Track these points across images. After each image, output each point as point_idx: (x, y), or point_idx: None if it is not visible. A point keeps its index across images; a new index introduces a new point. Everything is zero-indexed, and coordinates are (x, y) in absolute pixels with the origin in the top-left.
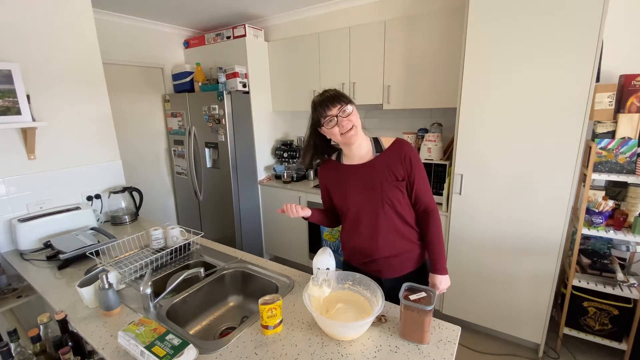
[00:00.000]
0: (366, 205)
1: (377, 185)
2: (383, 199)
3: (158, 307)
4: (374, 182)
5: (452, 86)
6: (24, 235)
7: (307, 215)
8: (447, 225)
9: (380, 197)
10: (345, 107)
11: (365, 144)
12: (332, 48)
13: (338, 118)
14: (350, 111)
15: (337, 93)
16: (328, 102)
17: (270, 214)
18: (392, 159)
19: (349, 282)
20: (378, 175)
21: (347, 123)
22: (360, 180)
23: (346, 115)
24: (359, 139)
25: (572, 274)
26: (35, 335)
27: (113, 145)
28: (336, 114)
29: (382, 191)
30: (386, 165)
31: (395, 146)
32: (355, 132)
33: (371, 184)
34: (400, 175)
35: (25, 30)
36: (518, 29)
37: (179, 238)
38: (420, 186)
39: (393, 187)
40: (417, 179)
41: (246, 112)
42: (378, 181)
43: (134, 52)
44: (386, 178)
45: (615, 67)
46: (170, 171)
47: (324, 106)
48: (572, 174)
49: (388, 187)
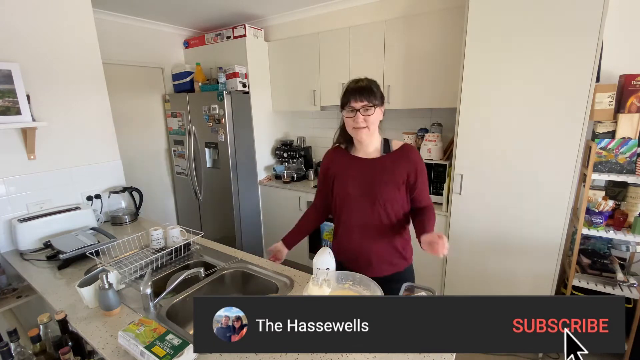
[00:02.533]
0: (361, 200)
1: (375, 183)
2: (377, 198)
3: (158, 307)
4: (373, 179)
5: (452, 86)
6: (24, 235)
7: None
8: (447, 226)
9: (375, 195)
10: (369, 107)
11: (375, 142)
12: (332, 48)
13: (357, 113)
14: (371, 113)
15: (370, 88)
16: (357, 93)
17: (270, 214)
18: (397, 161)
19: (349, 282)
20: (379, 174)
21: (362, 122)
22: (361, 174)
23: (366, 114)
24: (367, 139)
25: (572, 274)
26: (35, 335)
27: (113, 145)
28: (358, 108)
29: (379, 190)
30: (390, 166)
31: (404, 151)
32: (367, 133)
33: (370, 180)
34: (402, 178)
35: (25, 30)
36: (518, 29)
37: (179, 238)
38: (421, 192)
39: (391, 188)
40: (420, 186)
41: (246, 112)
42: (377, 180)
43: (134, 52)
44: (386, 178)
45: (615, 67)
46: (170, 171)
47: (352, 96)
48: (572, 174)
49: (385, 188)
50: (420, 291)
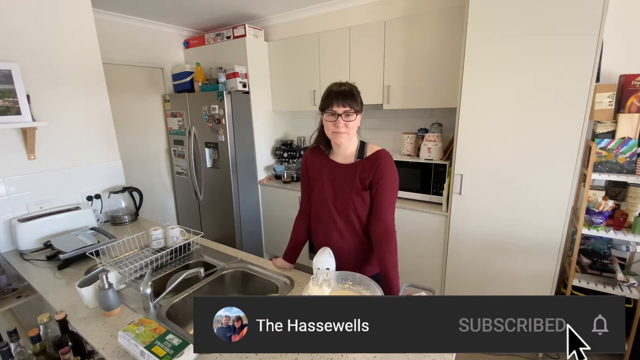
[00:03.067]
0: (335, 206)
1: (345, 189)
2: (349, 204)
3: (158, 307)
4: (344, 185)
5: (452, 86)
6: (24, 235)
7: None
8: (446, 226)
9: (347, 202)
10: (351, 112)
11: (352, 147)
12: (332, 48)
13: (339, 118)
14: (352, 119)
15: (352, 94)
16: (340, 98)
17: (270, 214)
18: (365, 167)
19: (349, 282)
20: (349, 180)
21: (343, 127)
22: (335, 179)
23: (347, 120)
24: (346, 143)
25: (572, 274)
26: (35, 335)
27: (113, 145)
28: (340, 113)
29: (350, 197)
30: (358, 172)
31: (374, 157)
32: (346, 137)
33: (342, 185)
34: (365, 184)
35: (25, 30)
36: (518, 28)
37: (179, 238)
38: (378, 204)
39: (357, 195)
40: (377, 197)
41: (246, 112)
42: (347, 185)
43: (134, 52)
44: (354, 185)
45: (615, 67)
46: (170, 171)
47: (335, 100)
48: (572, 174)
49: (354, 195)
50: (420, 291)
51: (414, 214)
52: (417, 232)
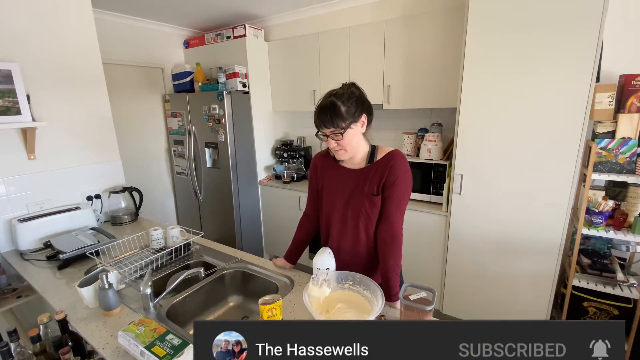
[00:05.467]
0: (346, 213)
1: (356, 195)
2: (361, 211)
3: (158, 307)
4: (355, 191)
5: (452, 86)
6: (24, 235)
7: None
8: (446, 226)
9: (357, 207)
10: (337, 132)
11: (362, 152)
12: (332, 48)
13: (329, 138)
14: (340, 138)
15: (335, 111)
16: (322, 120)
17: (270, 214)
18: (377, 170)
19: (349, 282)
20: (360, 185)
21: (336, 146)
22: (345, 185)
23: (336, 139)
24: (349, 156)
25: (572, 274)
26: (35, 335)
27: (113, 145)
28: (328, 135)
29: (362, 203)
30: (370, 177)
31: (387, 157)
32: (345, 154)
33: (353, 191)
34: (378, 188)
35: (25, 30)
36: (518, 28)
37: (179, 238)
38: (392, 202)
39: (369, 200)
40: (392, 193)
41: (246, 112)
42: (358, 191)
43: (134, 52)
44: (365, 190)
45: (615, 67)
46: (170, 171)
47: (318, 122)
48: (572, 174)
49: (365, 200)
50: (421, 291)
51: (414, 214)
52: (417, 232)
